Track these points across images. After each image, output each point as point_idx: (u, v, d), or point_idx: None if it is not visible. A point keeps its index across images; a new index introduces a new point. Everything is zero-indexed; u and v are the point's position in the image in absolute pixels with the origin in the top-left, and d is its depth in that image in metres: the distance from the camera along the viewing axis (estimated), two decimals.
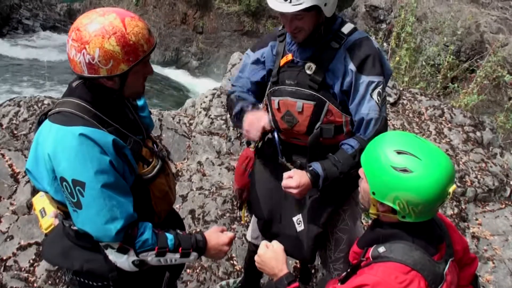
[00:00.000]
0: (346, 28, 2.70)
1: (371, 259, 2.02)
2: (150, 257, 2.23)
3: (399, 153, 1.90)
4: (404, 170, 1.86)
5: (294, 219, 3.01)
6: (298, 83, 2.74)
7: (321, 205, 2.95)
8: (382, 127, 2.72)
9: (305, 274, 4.13)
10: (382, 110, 2.71)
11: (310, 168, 2.74)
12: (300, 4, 2.43)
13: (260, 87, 3.02)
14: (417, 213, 1.91)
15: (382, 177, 1.90)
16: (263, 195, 3.12)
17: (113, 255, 2.19)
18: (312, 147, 2.82)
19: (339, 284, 2.12)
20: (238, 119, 2.87)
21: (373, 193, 1.95)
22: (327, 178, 2.71)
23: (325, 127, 2.76)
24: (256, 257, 2.33)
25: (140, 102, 2.60)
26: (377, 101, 2.67)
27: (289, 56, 2.77)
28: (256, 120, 2.73)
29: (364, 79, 2.64)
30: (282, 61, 2.81)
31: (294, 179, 2.67)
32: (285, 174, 2.72)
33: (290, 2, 2.43)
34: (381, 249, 1.99)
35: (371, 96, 2.66)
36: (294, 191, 2.67)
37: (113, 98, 2.23)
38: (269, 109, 2.93)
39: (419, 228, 1.99)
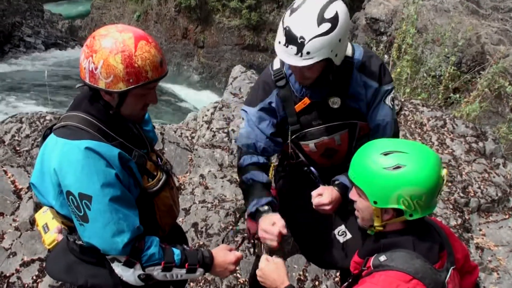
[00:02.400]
0: (348, 50, 2.64)
1: (372, 268, 2.01)
2: (156, 272, 2.23)
3: (385, 154, 1.93)
4: (397, 167, 1.88)
5: (335, 231, 2.98)
6: (327, 120, 2.71)
7: None
8: (396, 128, 2.83)
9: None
10: (394, 113, 2.77)
11: (338, 182, 2.74)
12: (311, 58, 2.35)
13: (275, 136, 2.86)
14: (422, 206, 1.91)
15: (379, 182, 1.91)
16: (304, 223, 3.07)
17: (119, 269, 2.18)
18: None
19: None
20: (252, 218, 2.75)
21: (375, 202, 1.95)
22: None
23: (361, 142, 2.75)
24: (257, 271, 2.33)
25: None
26: (390, 106, 2.74)
27: (306, 101, 2.69)
28: (271, 227, 2.58)
29: (381, 89, 2.69)
30: (299, 107, 2.72)
31: (325, 196, 2.66)
32: (314, 193, 2.70)
33: (301, 56, 2.34)
34: (382, 257, 1.99)
35: (384, 102, 2.71)
36: (327, 207, 2.66)
37: (111, 114, 2.23)
38: (300, 153, 2.88)
39: (421, 236, 1.99)
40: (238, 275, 4.49)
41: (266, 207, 2.70)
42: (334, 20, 2.30)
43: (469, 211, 5.71)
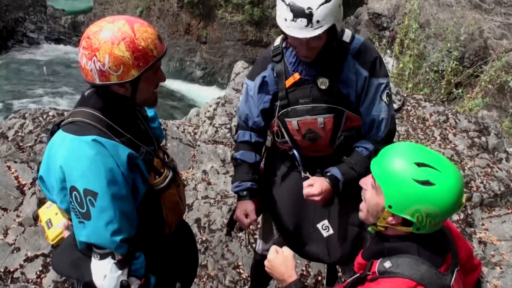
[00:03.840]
0: (347, 36, 2.69)
1: (377, 274, 2.00)
2: (134, 286, 2.20)
3: (419, 165, 1.86)
4: (427, 183, 1.82)
5: (319, 225, 3.02)
6: (314, 99, 2.72)
7: (353, 207, 2.99)
8: (393, 126, 2.83)
9: (332, 277, 4.10)
10: (390, 109, 2.79)
11: (329, 174, 2.78)
12: (321, 27, 2.40)
13: (267, 112, 2.94)
14: (432, 224, 1.88)
15: (403, 190, 1.86)
16: (286, 210, 3.12)
17: (110, 266, 2.14)
18: (337, 155, 2.86)
19: None
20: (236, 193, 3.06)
21: (390, 207, 1.90)
22: (346, 181, 2.77)
23: (347, 134, 2.81)
24: (266, 262, 2.32)
25: (150, 113, 2.60)
26: (386, 102, 2.75)
27: (296, 76, 2.72)
28: (244, 218, 2.94)
29: (374, 81, 2.71)
30: (289, 82, 2.75)
31: (316, 187, 2.71)
32: (305, 183, 2.75)
33: (312, 26, 2.39)
34: (387, 264, 1.96)
35: (380, 98, 2.73)
36: (317, 198, 2.71)
37: (126, 106, 2.23)
38: (285, 131, 2.88)
39: (425, 240, 1.96)
40: (241, 270, 4.51)
41: (245, 193, 2.98)
42: None
43: (472, 205, 5.72)
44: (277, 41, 2.87)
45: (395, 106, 7.29)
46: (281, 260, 2.27)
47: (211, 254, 4.64)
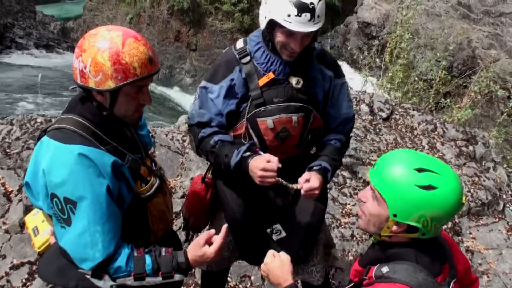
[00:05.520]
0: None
1: (374, 279, 1.99)
2: (129, 281, 2.18)
3: (419, 171, 1.87)
4: (429, 187, 1.83)
5: (269, 230, 3.03)
6: (288, 98, 2.76)
7: (304, 207, 3.02)
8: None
9: None
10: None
11: (318, 167, 2.82)
12: (320, 22, 2.56)
13: (230, 116, 2.87)
14: (437, 228, 1.90)
15: (407, 198, 1.86)
16: (240, 215, 3.05)
17: (90, 279, 2.15)
18: (304, 155, 2.94)
19: None
20: (238, 168, 2.76)
21: (394, 215, 1.90)
22: (333, 172, 2.88)
23: (312, 135, 2.91)
24: (262, 266, 2.32)
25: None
26: (351, 100, 3.01)
27: (270, 75, 2.74)
28: (269, 164, 2.62)
29: (339, 81, 2.91)
30: (262, 81, 2.76)
31: (314, 180, 2.71)
32: (301, 179, 2.72)
33: (314, 21, 2.52)
34: (385, 269, 1.95)
35: (347, 96, 2.96)
36: (317, 191, 2.72)
37: (104, 116, 2.22)
38: (253, 132, 2.85)
39: (423, 246, 1.96)
40: (228, 279, 4.48)
41: (248, 153, 2.75)
42: None
43: (459, 214, 5.73)
44: (240, 43, 2.88)
45: (384, 114, 7.34)
46: (278, 264, 2.26)
47: None
